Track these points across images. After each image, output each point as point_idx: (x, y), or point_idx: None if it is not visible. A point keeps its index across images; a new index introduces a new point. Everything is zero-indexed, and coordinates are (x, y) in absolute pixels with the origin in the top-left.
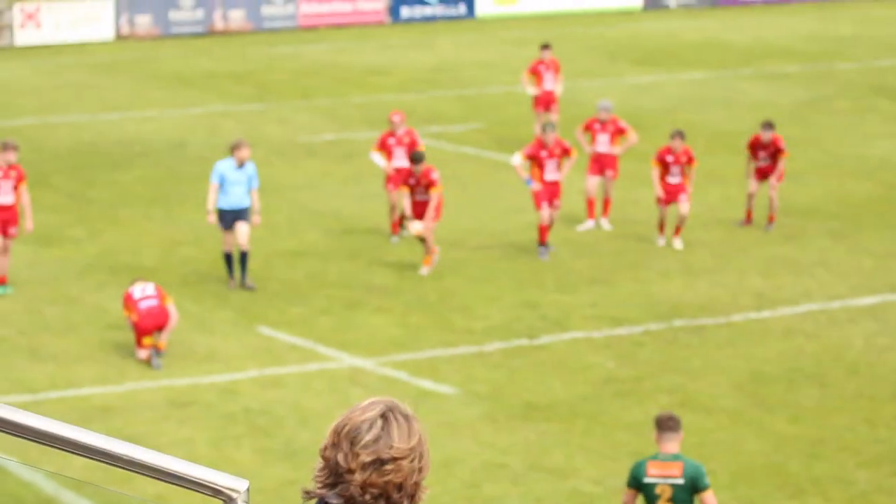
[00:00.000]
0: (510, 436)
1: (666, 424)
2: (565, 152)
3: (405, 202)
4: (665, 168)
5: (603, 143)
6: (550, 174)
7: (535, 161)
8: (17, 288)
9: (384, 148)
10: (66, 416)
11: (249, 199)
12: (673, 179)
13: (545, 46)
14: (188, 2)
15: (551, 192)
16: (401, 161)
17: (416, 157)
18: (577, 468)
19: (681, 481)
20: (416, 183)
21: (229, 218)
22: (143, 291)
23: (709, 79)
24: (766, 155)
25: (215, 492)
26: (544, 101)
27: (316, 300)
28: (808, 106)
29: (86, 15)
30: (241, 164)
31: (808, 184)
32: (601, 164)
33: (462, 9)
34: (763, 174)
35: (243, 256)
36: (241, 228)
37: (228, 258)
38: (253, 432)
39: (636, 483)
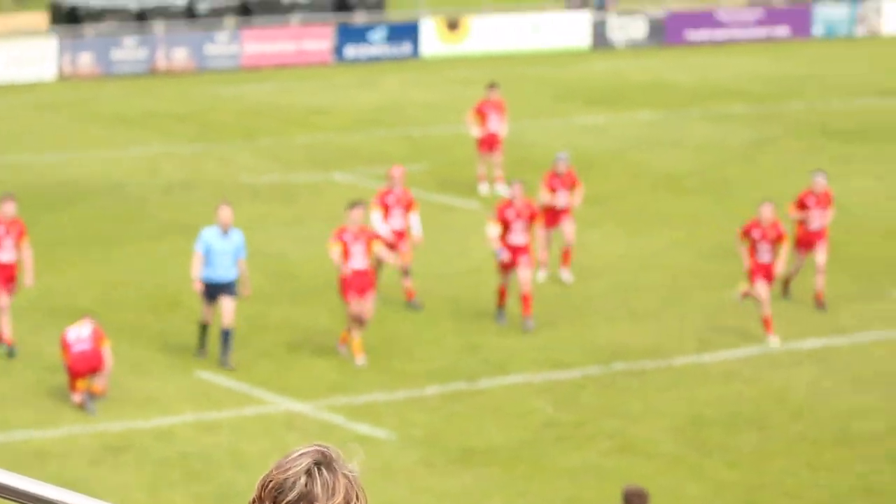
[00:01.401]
0: (448, 481)
1: (633, 502)
2: (532, 217)
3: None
4: (753, 243)
5: (562, 197)
6: (517, 236)
7: (503, 223)
8: None
9: (382, 206)
10: (0, 460)
11: (236, 270)
12: (763, 258)
13: (492, 86)
14: (131, 41)
15: (514, 256)
16: (398, 221)
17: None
18: None
19: None
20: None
21: (213, 291)
22: (79, 334)
23: (657, 119)
24: (818, 211)
25: None
26: (488, 142)
27: (256, 343)
28: (755, 146)
29: (28, 54)
30: (226, 231)
31: None
32: (557, 217)
33: (407, 48)
34: (809, 243)
35: (226, 335)
36: (227, 304)
37: (204, 328)
38: (188, 477)
39: None
